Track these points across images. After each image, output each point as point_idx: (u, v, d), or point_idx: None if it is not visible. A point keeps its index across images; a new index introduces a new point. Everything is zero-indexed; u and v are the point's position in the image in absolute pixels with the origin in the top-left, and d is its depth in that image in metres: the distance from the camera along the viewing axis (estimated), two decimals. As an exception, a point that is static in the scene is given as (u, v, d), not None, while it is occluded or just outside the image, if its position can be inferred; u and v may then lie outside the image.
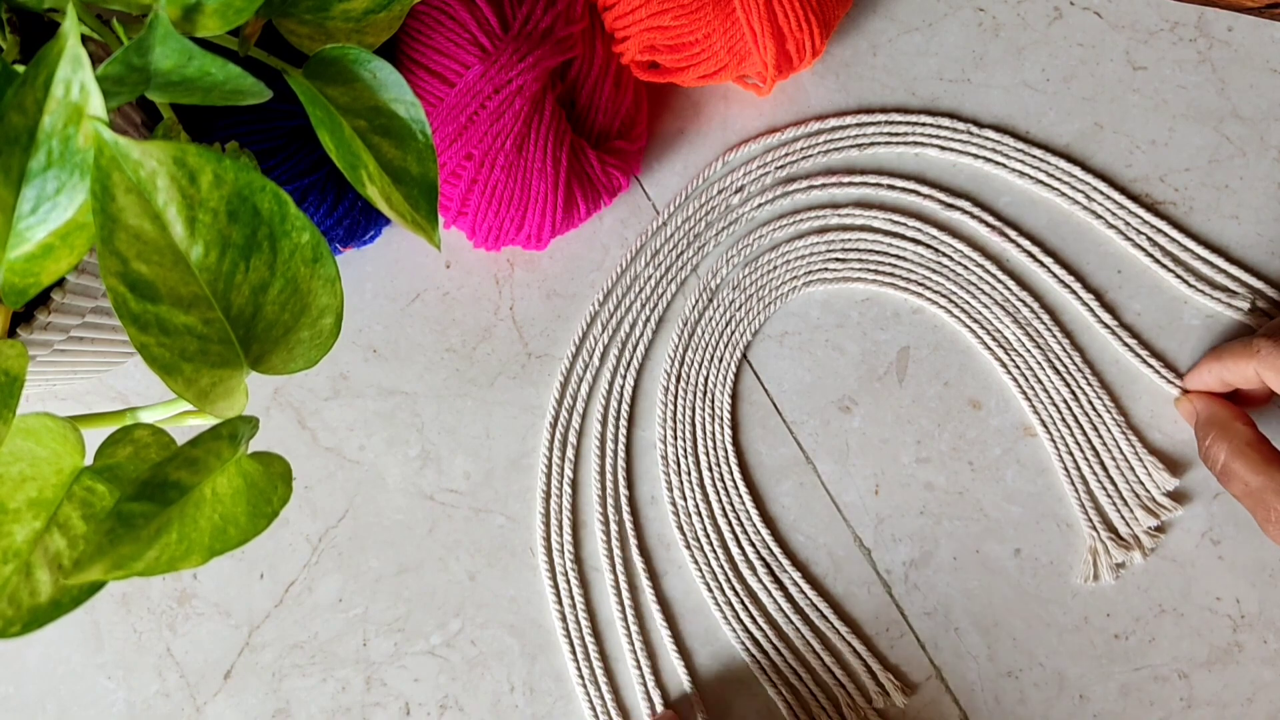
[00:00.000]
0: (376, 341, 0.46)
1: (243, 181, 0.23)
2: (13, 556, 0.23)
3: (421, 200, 0.29)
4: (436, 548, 0.44)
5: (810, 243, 0.46)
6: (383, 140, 0.28)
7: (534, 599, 0.44)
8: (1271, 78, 0.46)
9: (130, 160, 0.21)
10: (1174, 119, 0.47)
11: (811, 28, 0.42)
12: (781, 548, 0.44)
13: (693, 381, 0.45)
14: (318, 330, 0.25)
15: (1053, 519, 0.44)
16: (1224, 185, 0.46)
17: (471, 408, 0.45)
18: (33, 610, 0.23)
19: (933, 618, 0.43)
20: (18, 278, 0.24)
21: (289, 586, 0.44)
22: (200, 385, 0.23)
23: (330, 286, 0.25)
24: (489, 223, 0.42)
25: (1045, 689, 0.43)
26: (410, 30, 0.41)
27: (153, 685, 0.43)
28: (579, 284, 0.46)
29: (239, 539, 0.23)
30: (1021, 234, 0.46)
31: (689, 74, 0.44)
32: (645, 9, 0.41)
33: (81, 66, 0.22)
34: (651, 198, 0.47)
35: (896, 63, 0.47)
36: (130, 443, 0.25)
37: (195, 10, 0.25)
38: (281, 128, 0.41)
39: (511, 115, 0.40)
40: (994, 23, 0.48)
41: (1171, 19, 0.47)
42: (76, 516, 0.24)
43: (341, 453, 0.45)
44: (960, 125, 0.46)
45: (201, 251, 0.23)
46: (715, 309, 0.46)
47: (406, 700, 0.43)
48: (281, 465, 0.25)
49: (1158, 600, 0.43)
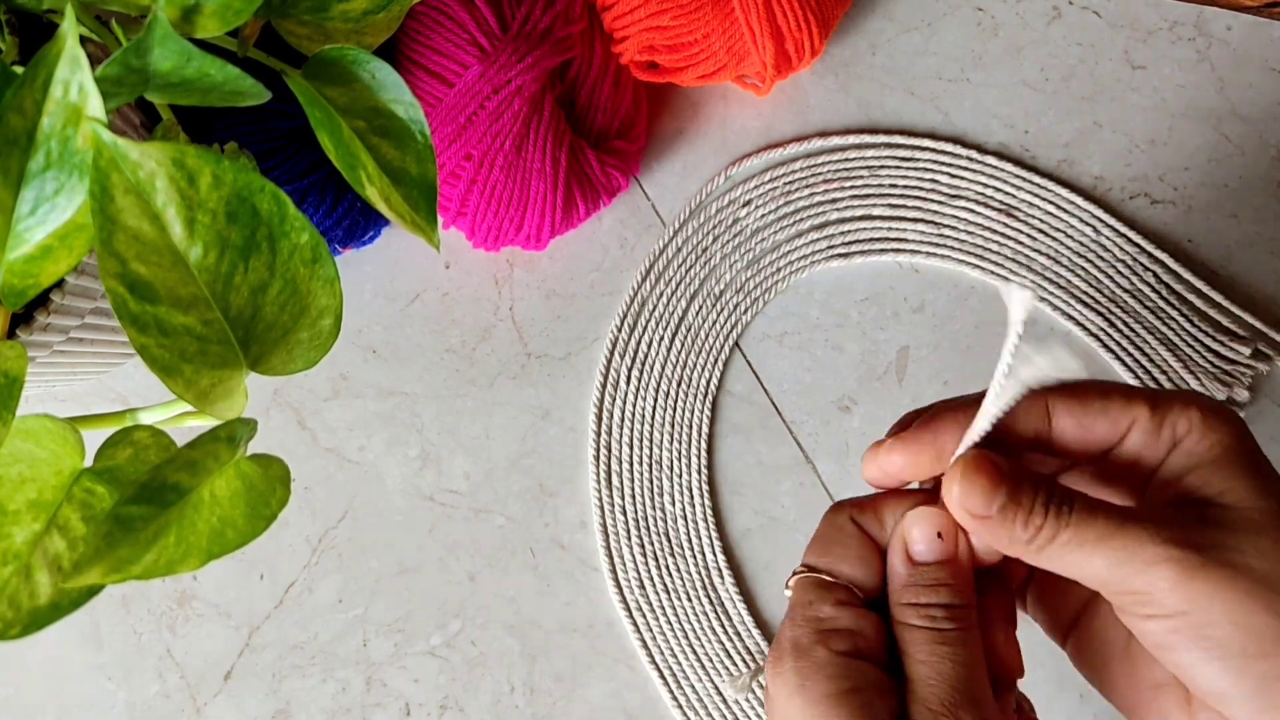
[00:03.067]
0: (376, 342, 0.46)
1: (241, 182, 0.23)
2: (12, 558, 0.23)
3: (420, 201, 0.29)
4: (436, 548, 0.44)
5: (810, 240, 0.46)
6: (382, 141, 0.28)
7: (534, 599, 0.44)
8: (1271, 77, 0.46)
9: (129, 161, 0.21)
10: (1173, 118, 0.47)
11: (810, 27, 0.42)
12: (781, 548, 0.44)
13: (693, 384, 0.46)
14: (317, 331, 0.25)
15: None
16: (1223, 184, 0.46)
17: (471, 408, 0.45)
18: (32, 612, 0.23)
19: (933, 617, 0.43)
20: (17, 279, 0.23)
21: (289, 587, 0.44)
22: (200, 386, 0.23)
23: (329, 287, 0.25)
24: (488, 223, 0.42)
25: (1045, 688, 0.43)
26: (409, 31, 0.41)
27: (153, 686, 0.43)
28: (578, 284, 0.46)
29: (237, 541, 0.23)
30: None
31: (688, 74, 0.44)
32: (644, 9, 0.41)
33: (80, 67, 0.22)
34: (651, 198, 0.47)
35: (896, 62, 0.47)
36: (130, 444, 0.25)
37: (194, 11, 0.25)
38: (280, 128, 0.41)
39: (510, 115, 0.40)
40: (993, 22, 0.48)
41: (1170, 18, 0.47)
42: (76, 518, 0.24)
43: (341, 453, 0.45)
44: (962, 151, 0.46)
45: (200, 252, 0.23)
46: (718, 311, 0.46)
47: (407, 701, 0.43)
48: (280, 468, 0.25)
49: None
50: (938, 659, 0.25)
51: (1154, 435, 0.26)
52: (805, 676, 0.25)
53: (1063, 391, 0.26)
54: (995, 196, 0.46)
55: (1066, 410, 0.26)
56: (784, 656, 0.26)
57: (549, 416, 0.45)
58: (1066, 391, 0.26)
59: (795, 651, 0.26)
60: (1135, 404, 0.26)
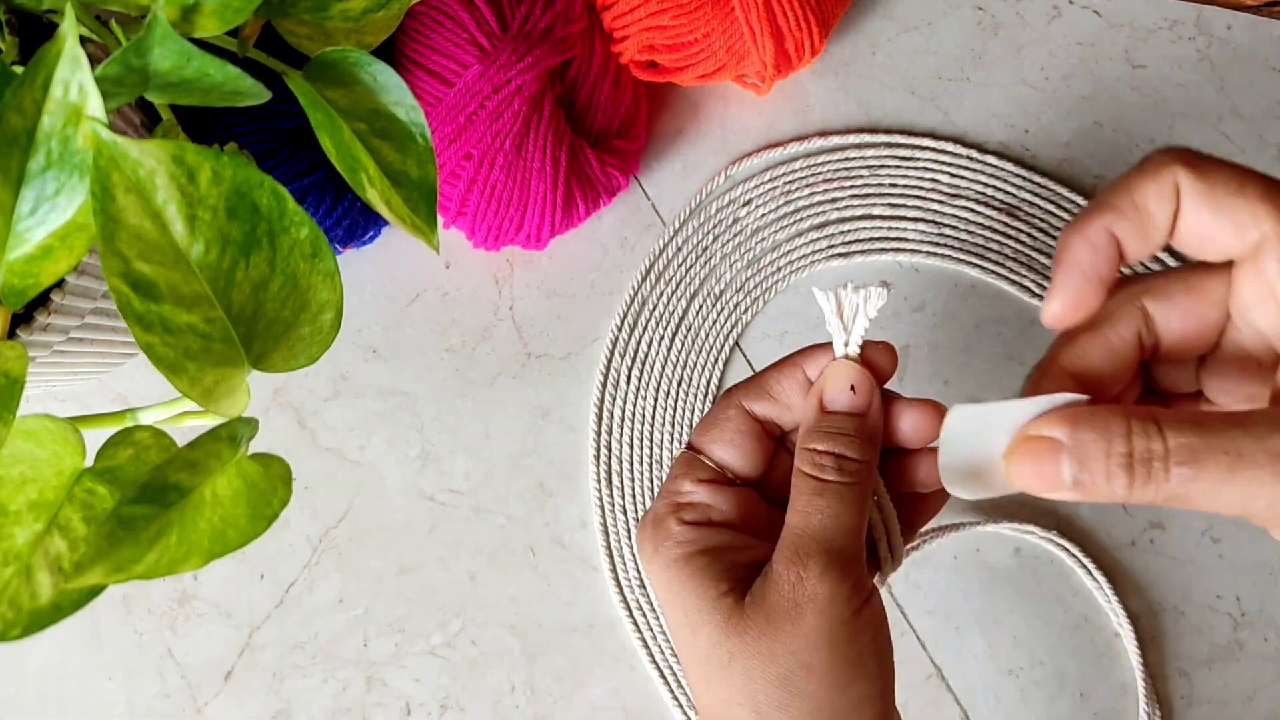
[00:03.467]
0: (376, 342, 0.46)
1: (241, 178, 0.23)
2: (13, 559, 0.23)
3: (421, 203, 0.29)
4: (437, 548, 0.44)
5: (811, 239, 0.46)
6: (383, 143, 0.28)
7: (534, 599, 0.44)
8: (1270, 75, 0.47)
9: (129, 159, 0.21)
10: (1173, 117, 0.47)
11: (810, 27, 0.42)
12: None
13: (693, 384, 0.46)
14: (318, 326, 0.25)
15: (1052, 517, 0.44)
16: (1223, 183, 0.46)
17: (471, 408, 0.45)
18: (33, 613, 0.23)
19: (933, 617, 0.43)
20: (17, 279, 0.23)
21: (289, 587, 0.44)
22: (204, 384, 0.23)
23: (330, 281, 0.25)
24: (488, 223, 0.42)
25: (1045, 688, 0.43)
26: (409, 30, 0.41)
27: (154, 686, 0.43)
28: (578, 284, 0.46)
29: (238, 541, 0.23)
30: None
31: (688, 73, 0.44)
32: (644, 8, 0.41)
33: (80, 67, 0.22)
34: (651, 197, 0.47)
35: (896, 62, 0.47)
36: (131, 444, 0.25)
37: (194, 11, 0.25)
38: (280, 128, 0.41)
39: (510, 115, 0.40)
40: (993, 22, 0.48)
41: (1170, 17, 0.47)
42: (77, 518, 0.24)
43: (341, 453, 0.45)
44: (962, 150, 0.46)
45: (202, 249, 0.23)
46: (719, 311, 0.46)
47: (407, 700, 0.43)
48: (281, 467, 0.25)
49: (1158, 598, 0.43)
50: (811, 509, 0.26)
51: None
52: (658, 543, 0.28)
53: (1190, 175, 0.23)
54: (995, 196, 0.46)
55: (1168, 290, 0.24)
56: (646, 524, 0.29)
57: (549, 416, 0.45)
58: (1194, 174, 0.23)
59: (653, 521, 0.28)
60: (1267, 208, 0.22)
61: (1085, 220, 0.24)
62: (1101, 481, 0.22)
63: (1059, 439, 0.23)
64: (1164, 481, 0.22)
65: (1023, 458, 0.23)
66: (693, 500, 0.28)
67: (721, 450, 0.29)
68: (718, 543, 0.28)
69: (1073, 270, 0.24)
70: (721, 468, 0.29)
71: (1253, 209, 0.22)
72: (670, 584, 0.27)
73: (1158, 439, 0.22)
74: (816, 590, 0.25)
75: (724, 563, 0.27)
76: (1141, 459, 0.22)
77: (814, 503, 0.26)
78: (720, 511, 0.28)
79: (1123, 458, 0.22)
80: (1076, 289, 0.25)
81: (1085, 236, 0.24)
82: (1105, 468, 0.22)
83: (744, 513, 0.28)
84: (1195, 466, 0.21)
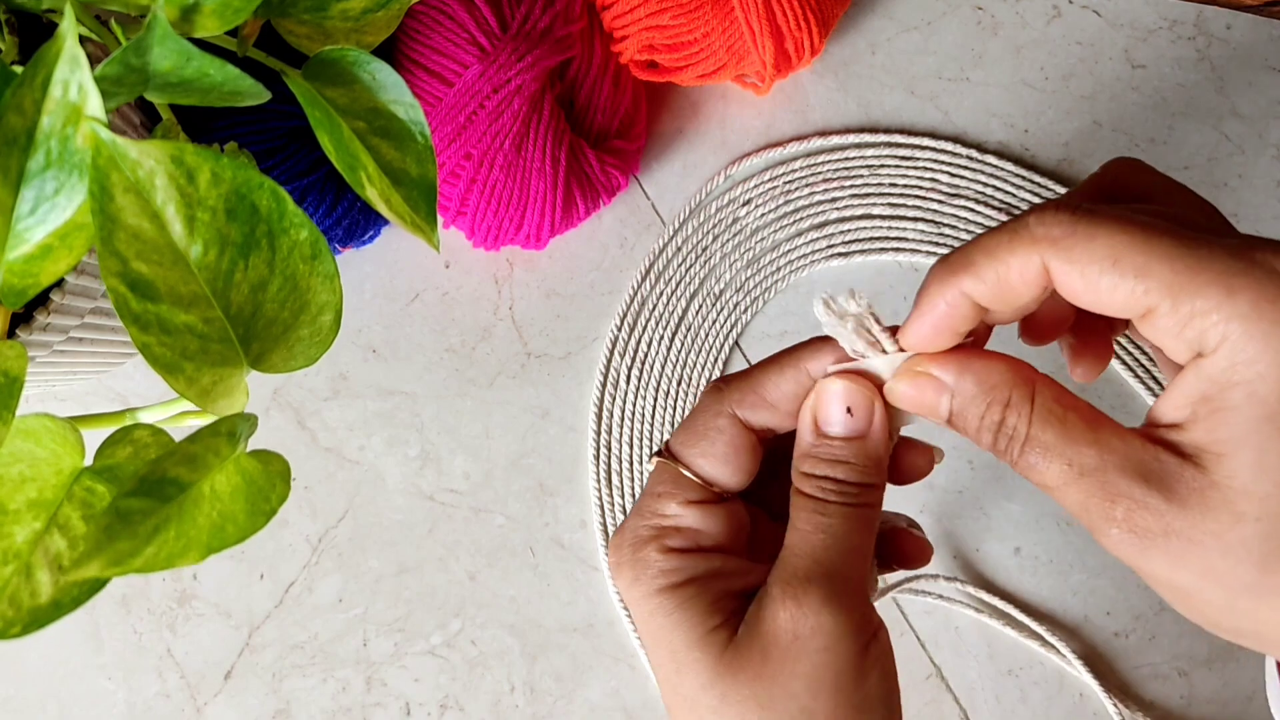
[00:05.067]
0: (376, 341, 0.46)
1: (240, 179, 0.23)
2: (13, 558, 0.23)
3: (421, 202, 0.29)
4: (436, 548, 0.44)
5: (810, 239, 0.46)
6: (382, 142, 0.28)
7: (534, 599, 0.44)
8: (1270, 75, 0.46)
9: (128, 159, 0.21)
10: (1173, 117, 0.47)
11: (810, 26, 0.42)
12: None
13: (693, 383, 0.46)
14: (317, 328, 0.25)
15: (1052, 517, 0.44)
16: (1223, 183, 0.46)
17: (471, 408, 0.45)
18: (33, 611, 0.23)
19: (932, 617, 0.43)
20: (16, 279, 0.24)
21: (289, 587, 0.44)
22: (202, 384, 0.23)
23: (329, 283, 0.25)
24: (488, 222, 0.42)
25: (1045, 687, 0.43)
26: (409, 30, 0.41)
27: (153, 686, 0.43)
28: (578, 283, 0.46)
29: (237, 536, 0.23)
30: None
31: (687, 73, 0.44)
32: (644, 8, 0.41)
33: (80, 67, 0.22)
34: (651, 197, 0.47)
35: (895, 61, 0.47)
36: (130, 443, 0.25)
37: (193, 10, 0.25)
38: (280, 128, 0.41)
39: (510, 115, 0.40)
40: (993, 21, 0.48)
41: (1170, 17, 0.47)
42: (76, 517, 0.24)
43: (341, 453, 0.45)
44: (962, 150, 0.46)
45: (201, 250, 0.23)
46: (718, 310, 0.46)
47: (407, 700, 0.43)
48: (280, 463, 0.25)
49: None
50: (812, 529, 0.24)
51: (1176, 335, 0.21)
52: (638, 571, 0.25)
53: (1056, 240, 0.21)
54: (995, 196, 0.46)
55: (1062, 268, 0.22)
56: (624, 545, 0.26)
57: (549, 416, 0.45)
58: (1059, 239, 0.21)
59: (633, 544, 0.26)
60: (1152, 280, 0.20)
61: (947, 274, 0.23)
62: (970, 432, 0.23)
63: (945, 381, 0.24)
64: (1016, 459, 0.23)
65: (909, 382, 0.24)
66: (679, 525, 0.26)
67: (711, 465, 0.26)
68: (706, 569, 0.25)
69: (928, 316, 0.24)
70: (709, 483, 0.26)
71: (1129, 286, 0.21)
72: (653, 617, 0.25)
73: (1025, 423, 0.22)
74: (818, 622, 0.23)
75: (713, 592, 0.25)
76: (1005, 433, 0.23)
77: (815, 521, 0.24)
78: (710, 535, 0.25)
79: (993, 424, 0.23)
80: (929, 336, 0.24)
81: (942, 295, 0.23)
82: (976, 425, 0.23)
83: (734, 531, 0.26)
84: (1044, 464, 0.22)
